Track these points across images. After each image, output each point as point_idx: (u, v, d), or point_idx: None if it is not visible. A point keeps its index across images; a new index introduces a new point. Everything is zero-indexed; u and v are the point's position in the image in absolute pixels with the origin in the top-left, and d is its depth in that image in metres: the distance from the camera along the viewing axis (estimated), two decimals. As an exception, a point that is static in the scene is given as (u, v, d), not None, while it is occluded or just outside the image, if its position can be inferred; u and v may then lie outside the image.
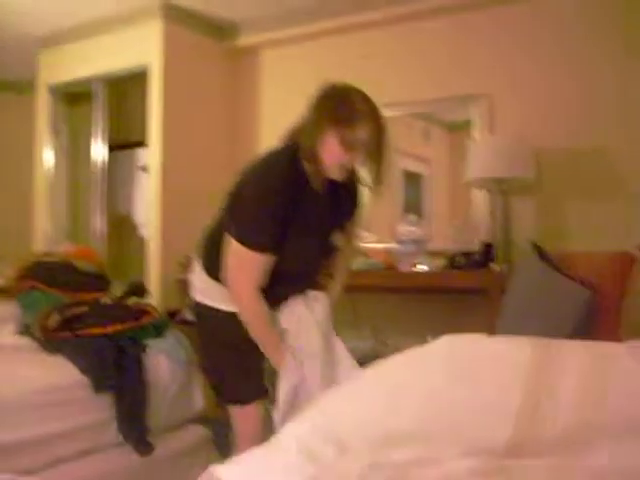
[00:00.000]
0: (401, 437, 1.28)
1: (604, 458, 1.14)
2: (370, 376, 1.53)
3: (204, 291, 2.42)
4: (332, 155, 2.24)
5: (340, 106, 2.24)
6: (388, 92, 4.72)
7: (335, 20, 4.82)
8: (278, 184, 2.22)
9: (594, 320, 2.92)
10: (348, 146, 2.21)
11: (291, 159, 2.28)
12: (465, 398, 1.30)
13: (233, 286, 2.25)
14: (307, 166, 2.28)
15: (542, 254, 3.20)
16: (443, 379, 1.37)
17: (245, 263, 2.21)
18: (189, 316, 4.82)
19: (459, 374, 1.37)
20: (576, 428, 1.18)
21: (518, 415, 1.23)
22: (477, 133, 4.38)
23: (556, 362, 1.32)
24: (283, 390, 2.28)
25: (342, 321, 4.66)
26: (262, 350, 2.33)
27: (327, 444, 1.33)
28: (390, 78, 4.76)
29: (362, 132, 2.21)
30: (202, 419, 3.38)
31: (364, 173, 2.38)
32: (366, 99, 2.28)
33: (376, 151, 2.26)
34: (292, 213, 2.24)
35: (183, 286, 4.90)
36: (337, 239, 2.46)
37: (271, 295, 2.30)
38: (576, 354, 1.35)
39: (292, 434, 1.39)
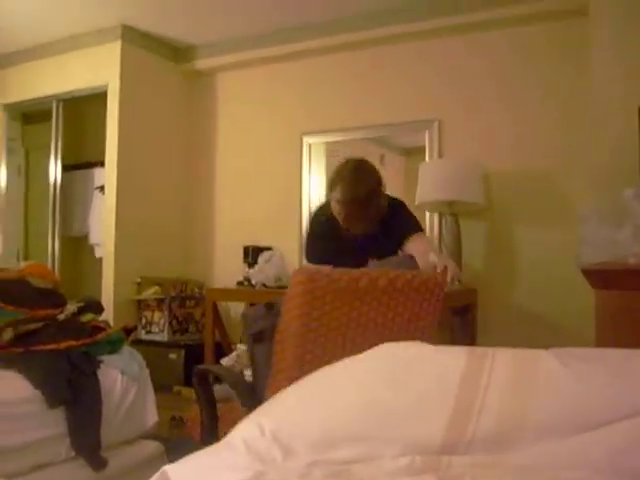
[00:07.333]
0: (341, 438, 1.35)
1: (527, 455, 1.22)
2: (311, 382, 1.59)
3: None
4: (335, 211, 3.08)
5: (334, 174, 3.10)
6: (342, 117, 4.85)
7: (288, 46, 4.96)
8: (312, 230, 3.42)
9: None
10: (335, 204, 3.04)
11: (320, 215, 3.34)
12: (402, 400, 1.38)
13: None
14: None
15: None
16: (381, 382, 1.44)
17: None
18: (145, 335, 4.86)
19: (396, 378, 1.45)
20: (503, 428, 1.27)
21: (451, 416, 1.31)
22: (428, 157, 4.50)
23: (487, 367, 1.40)
24: None
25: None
26: None
27: (274, 447, 1.39)
28: (344, 104, 4.87)
29: (336, 193, 3.01)
30: (155, 435, 3.40)
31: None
32: (354, 167, 3.10)
33: (356, 209, 3.03)
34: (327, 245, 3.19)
35: (137, 305, 4.94)
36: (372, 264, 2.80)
37: None
38: (506, 360, 1.44)
39: (240, 437, 1.45)
